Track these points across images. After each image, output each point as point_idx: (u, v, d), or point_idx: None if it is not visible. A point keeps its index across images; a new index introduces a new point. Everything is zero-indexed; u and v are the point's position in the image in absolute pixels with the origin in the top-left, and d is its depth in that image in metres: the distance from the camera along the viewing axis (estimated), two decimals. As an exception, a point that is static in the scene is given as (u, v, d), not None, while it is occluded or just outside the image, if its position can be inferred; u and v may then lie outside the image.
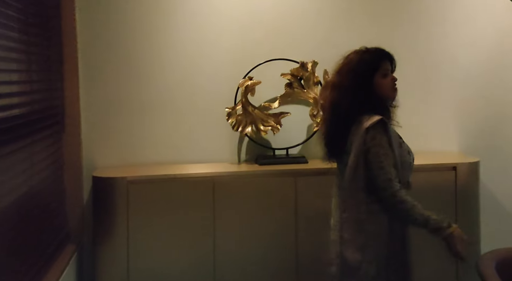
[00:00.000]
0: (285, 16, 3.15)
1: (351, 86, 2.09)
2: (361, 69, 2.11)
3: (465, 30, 3.23)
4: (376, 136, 2.03)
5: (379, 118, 2.05)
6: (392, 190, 2.00)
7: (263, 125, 3.03)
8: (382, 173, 2.01)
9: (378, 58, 2.14)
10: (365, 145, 2.03)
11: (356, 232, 2.07)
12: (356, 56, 2.15)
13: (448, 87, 3.27)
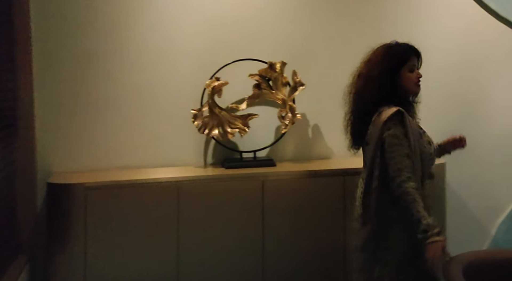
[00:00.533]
0: (254, 16, 3.01)
1: (378, 76, 2.14)
2: (390, 60, 2.16)
3: (432, 30, 3.16)
4: (391, 127, 2.10)
5: (397, 109, 2.10)
6: (399, 180, 2.03)
7: (230, 128, 2.87)
8: (393, 162, 2.06)
9: (407, 53, 2.19)
10: (382, 135, 2.10)
11: (365, 220, 2.15)
12: (386, 48, 2.20)
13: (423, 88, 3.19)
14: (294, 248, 2.77)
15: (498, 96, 3.23)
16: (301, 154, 3.09)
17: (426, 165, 2.15)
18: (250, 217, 2.73)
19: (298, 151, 3.09)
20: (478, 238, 3.26)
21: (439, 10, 3.14)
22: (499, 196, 3.27)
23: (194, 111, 2.82)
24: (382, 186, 2.09)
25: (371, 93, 2.15)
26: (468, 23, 3.16)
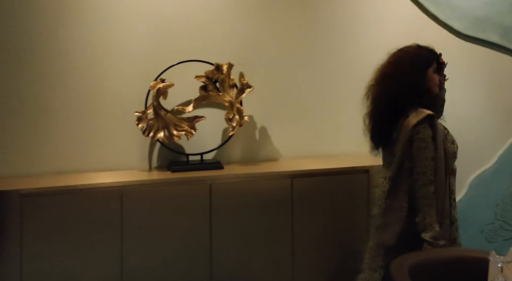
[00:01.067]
0: (201, 17, 2.91)
1: (408, 75, 2.18)
2: (420, 60, 2.22)
3: (373, 34, 3.16)
4: (421, 131, 2.15)
5: (426, 114, 2.16)
6: (421, 183, 2.12)
7: (176, 130, 2.76)
8: (418, 165, 2.14)
9: (433, 55, 2.27)
10: (411, 138, 2.14)
11: (396, 219, 2.16)
12: (414, 49, 2.25)
13: (360, 90, 3.16)
14: (243, 252, 2.70)
15: (438, 99, 3.26)
16: (248, 157, 3.01)
17: (450, 163, 2.23)
18: (197, 221, 2.63)
19: (245, 154, 3.01)
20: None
21: (382, 13, 3.14)
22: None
23: (138, 114, 2.69)
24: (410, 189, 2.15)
25: (401, 94, 2.18)
26: (410, 27, 3.18)
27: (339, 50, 3.14)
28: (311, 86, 3.11)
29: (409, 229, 2.15)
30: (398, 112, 2.19)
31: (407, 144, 2.15)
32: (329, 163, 2.92)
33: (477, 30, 3.19)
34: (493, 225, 3.29)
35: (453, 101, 3.27)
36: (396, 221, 2.17)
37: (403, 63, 2.22)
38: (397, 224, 2.17)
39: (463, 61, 3.25)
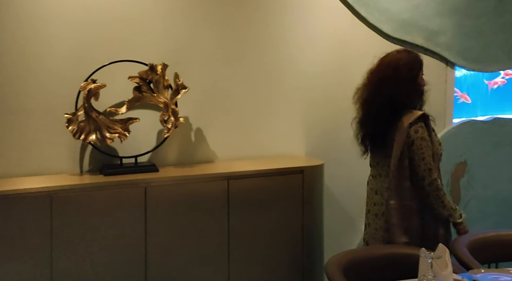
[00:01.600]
0: (134, 15, 2.81)
1: (406, 79, 2.29)
2: (415, 64, 2.33)
3: (307, 36, 3.17)
4: (419, 130, 2.26)
5: (421, 113, 2.28)
6: (430, 179, 2.25)
7: (109, 132, 2.66)
8: (423, 163, 2.24)
9: (420, 59, 2.38)
10: (409, 138, 2.24)
11: (402, 217, 2.28)
12: (406, 53, 2.36)
13: (293, 91, 3.22)
14: (178, 255, 2.64)
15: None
16: (184, 158, 2.95)
17: (438, 164, 2.34)
18: (131, 226, 2.54)
19: (181, 155, 2.95)
20: (351, 235, 3.34)
21: (314, 16, 3.17)
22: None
23: (68, 116, 2.57)
24: (411, 185, 2.27)
25: (400, 97, 2.28)
26: (341, 29, 3.22)
27: (273, 52, 3.13)
28: (247, 88, 3.09)
29: (416, 225, 2.29)
30: (395, 115, 2.28)
31: (404, 142, 2.24)
32: (265, 164, 2.91)
33: (403, 33, 3.27)
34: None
35: (382, 102, 3.37)
36: (405, 220, 2.28)
37: (399, 67, 2.30)
38: (406, 221, 2.29)
39: (392, 63, 3.33)
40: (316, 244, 2.95)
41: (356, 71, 3.29)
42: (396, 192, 2.28)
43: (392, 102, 2.28)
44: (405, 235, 2.28)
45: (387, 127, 2.30)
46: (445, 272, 1.78)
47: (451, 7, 3.30)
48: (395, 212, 2.28)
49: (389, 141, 2.30)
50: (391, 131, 2.28)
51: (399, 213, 2.29)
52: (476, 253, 2.19)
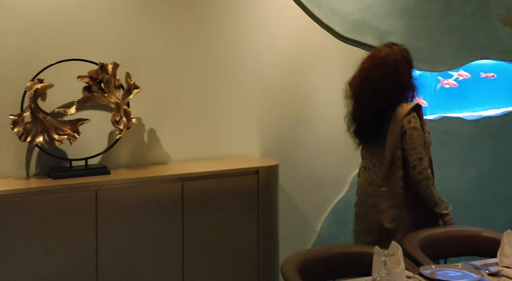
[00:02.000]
0: (84, 13, 2.72)
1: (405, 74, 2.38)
2: (410, 59, 2.42)
3: (261, 36, 3.16)
4: (411, 120, 2.33)
5: (415, 103, 2.37)
6: (420, 168, 2.32)
7: (57, 134, 2.57)
8: (414, 152, 2.32)
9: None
10: (402, 128, 2.32)
11: (391, 205, 2.35)
12: (401, 50, 2.41)
13: (248, 91, 3.20)
14: (131, 259, 2.57)
15: (322, 99, 3.34)
16: (137, 160, 2.88)
17: (428, 153, 2.40)
18: (82, 231, 2.46)
19: (134, 157, 2.87)
20: (306, 234, 3.34)
21: (267, 15, 3.16)
22: (324, 193, 3.38)
23: (13, 117, 2.46)
24: (404, 174, 2.33)
25: (400, 91, 2.37)
26: (295, 29, 3.22)
27: (227, 52, 3.09)
28: (201, 88, 3.05)
29: (404, 213, 2.36)
30: (393, 107, 2.35)
31: (398, 132, 2.32)
32: (219, 165, 2.88)
33: (355, 33, 3.30)
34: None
35: (335, 102, 3.36)
36: (392, 207, 2.35)
37: (399, 64, 2.37)
38: (394, 209, 2.35)
39: (345, 63, 3.31)
40: (271, 244, 2.94)
41: (310, 71, 3.33)
42: (388, 180, 2.35)
43: (392, 97, 2.36)
44: (393, 222, 2.35)
45: (385, 119, 2.36)
46: (398, 269, 1.80)
47: (401, 8, 3.36)
48: (384, 199, 2.36)
49: (383, 132, 2.37)
50: (387, 122, 2.36)
51: (388, 200, 2.36)
52: (427, 250, 2.22)
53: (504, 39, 3.55)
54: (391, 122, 2.34)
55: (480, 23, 3.52)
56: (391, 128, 2.34)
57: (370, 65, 2.41)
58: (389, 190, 2.36)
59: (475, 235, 2.34)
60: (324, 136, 3.36)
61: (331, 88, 3.34)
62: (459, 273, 1.90)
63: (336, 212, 3.36)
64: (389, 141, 2.34)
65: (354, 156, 3.41)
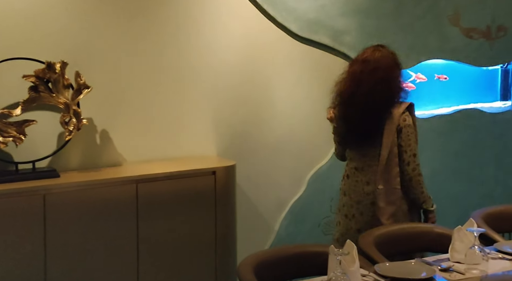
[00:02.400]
0: (29, 10, 2.60)
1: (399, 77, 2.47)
2: (399, 62, 2.48)
3: (216, 35, 3.11)
4: (406, 118, 2.43)
5: (409, 103, 2.46)
6: (414, 164, 2.42)
7: (2, 136, 2.46)
8: (409, 149, 2.42)
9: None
10: (398, 126, 2.41)
11: (389, 201, 2.41)
12: (390, 53, 2.48)
13: (203, 90, 3.14)
14: (83, 266, 2.48)
15: (279, 99, 3.32)
16: (89, 162, 2.78)
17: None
18: (29, 238, 2.36)
19: (85, 159, 2.77)
20: (264, 235, 3.31)
21: (221, 13, 3.11)
22: (282, 193, 3.36)
23: (-47, 119, 2.32)
24: (401, 171, 2.42)
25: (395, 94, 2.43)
26: (250, 28, 3.18)
27: (180, 51, 3.02)
28: (155, 87, 2.97)
29: (401, 209, 2.44)
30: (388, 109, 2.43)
31: (395, 132, 2.40)
32: (175, 166, 2.81)
33: (310, 32, 3.28)
34: (328, 218, 3.41)
35: (292, 102, 3.37)
36: (390, 203, 2.41)
37: (391, 66, 2.45)
38: (392, 205, 2.41)
39: (301, 62, 3.34)
40: (229, 246, 2.90)
41: (266, 70, 3.30)
42: (385, 178, 2.41)
43: (387, 99, 2.42)
44: (391, 218, 2.41)
45: (381, 120, 2.42)
46: (353, 268, 1.79)
47: (354, 7, 3.37)
48: (382, 196, 2.41)
49: (379, 133, 2.43)
50: (383, 123, 2.42)
51: (386, 197, 2.41)
52: (382, 247, 2.22)
53: (453, 39, 3.62)
54: (387, 122, 2.41)
55: (431, 23, 3.57)
56: (388, 127, 2.41)
57: (363, 69, 2.43)
58: (386, 187, 2.42)
59: (428, 231, 2.37)
60: (282, 136, 3.34)
61: (288, 88, 3.32)
62: (414, 270, 1.91)
63: (294, 212, 3.35)
64: (385, 139, 2.41)
65: (311, 155, 3.44)
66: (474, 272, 1.86)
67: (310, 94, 3.37)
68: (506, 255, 2.00)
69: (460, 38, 3.65)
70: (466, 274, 1.86)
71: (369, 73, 2.41)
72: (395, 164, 2.42)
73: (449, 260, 1.97)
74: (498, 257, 1.99)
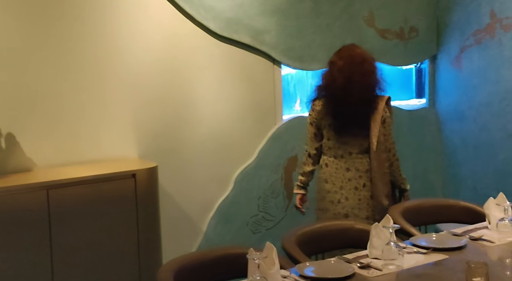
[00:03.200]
0: None
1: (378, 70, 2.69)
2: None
3: (133, 33, 2.96)
4: (387, 110, 2.69)
5: (388, 96, 2.71)
6: (394, 151, 2.72)
7: None
8: (390, 138, 2.70)
9: None
10: (382, 117, 2.65)
11: (383, 184, 2.66)
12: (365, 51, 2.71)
13: (123, 91, 3.00)
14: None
15: (202, 98, 3.23)
16: (-7, 169, 2.55)
17: None
18: None
19: (-11, 166, 2.54)
20: (191, 236, 3.21)
21: (138, 12, 2.96)
22: (209, 194, 3.29)
23: None
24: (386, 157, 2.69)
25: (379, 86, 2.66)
26: (167, 26, 3.06)
27: (99, 51, 2.87)
28: (69, 88, 2.79)
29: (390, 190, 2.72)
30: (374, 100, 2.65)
31: (380, 122, 2.63)
32: (92, 170, 2.65)
33: (230, 31, 3.21)
34: (256, 217, 3.39)
35: (215, 101, 3.29)
36: (384, 185, 2.66)
37: (373, 60, 2.68)
38: (385, 187, 2.67)
39: (221, 61, 3.27)
40: (153, 250, 2.77)
41: (187, 70, 3.19)
42: (379, 164, 2.64)
43: (374, 90, 2.65)
44: (387, 198, 2.67)
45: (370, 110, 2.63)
46: (273, 270, 1.72)
47: (273, 7, 3.34)
48: (379, 181, 2.64)
49: (366, 122, 2.63)
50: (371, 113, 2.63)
51: (381, 180, 2.65)
52: (305, 245, 2.19)
53: (370, 40, 3.67)
54: (374, 113, 2.63)
55: (347, 24, 3.61)
56: (374, 118, 2.63)
57: (352, 63, 2.62)
58: (380, 172, 2.65)
59: (349, 228, 2.36)
60: (206, 136, 3.26)
61: (210, 87, 3.25)
62: (334, 268, 1.87)
63: (221, 212, 3.29)
64: (373, 128, 2.62)
65: (237, 154, 3.37)
66: (391, 267, 1.85)
67: (233, 93, 3.32)
68: (420, 249, 2.01)
69: (376, 39, 3.71)
70: (384, 270, 1.85)
71: (358, 66, 2.61)
72: (382, 150, 2.65)
73: (368, 256, 1.95)
74: (413, 251, 1.99)
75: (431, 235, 2.16)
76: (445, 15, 3.92)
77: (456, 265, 1.86)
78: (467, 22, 3.77)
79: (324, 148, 2.73)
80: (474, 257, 1.90)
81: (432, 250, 1.99)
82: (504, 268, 1.90)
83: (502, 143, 3.62)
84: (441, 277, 1.82)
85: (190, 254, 2.28)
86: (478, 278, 1.56)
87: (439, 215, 2.64)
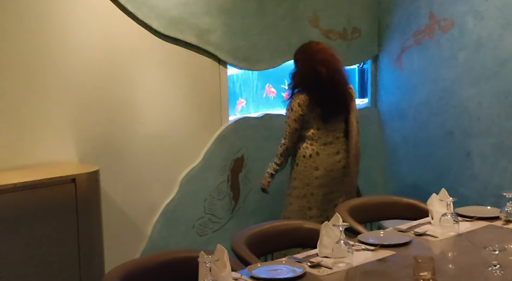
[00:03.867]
0: None
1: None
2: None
3: (73, 31, 2.87)
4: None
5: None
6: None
7: None
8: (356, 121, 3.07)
9: None
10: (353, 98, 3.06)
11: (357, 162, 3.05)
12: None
13: (62, 92, 2.89)
14: None
15: (145, 99, 3.16)
16: None
17: None
18: None
19: None
20: (136, 240, 3.14)
21: (77, 8, 2.86)
22: (153, 197, 3.22)
23: None
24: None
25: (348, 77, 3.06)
26: (109, 25, 2.97)
27: (34, 49, 2.74)
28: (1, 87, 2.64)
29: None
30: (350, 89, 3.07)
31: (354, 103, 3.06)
32: (27, 175, 2.52)
33: (175, 31, 3.16)
34: (202, 219, 3.36)
35: (159, 102, 3.22)
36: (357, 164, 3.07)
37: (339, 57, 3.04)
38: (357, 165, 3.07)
39: (165, 61, 3.21)
40: (95, 257, 2.68)
41: (130, 70, 3.10)
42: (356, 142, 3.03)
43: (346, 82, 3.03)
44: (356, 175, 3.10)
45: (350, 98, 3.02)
46: (224, 273, 1.71)
47: (218, 6, 3.31)
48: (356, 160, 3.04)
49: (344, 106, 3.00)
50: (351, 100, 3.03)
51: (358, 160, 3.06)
52: (254, 246, 2.18)
53: (314, 39, 3.66)
54: (351, 100, 3.02)
55: (292, 24, 3.64)
56: (353, 104, 3.03)
57: (333, 55, 2.99)
58: (357, 152, 3.03)
59: (298, 227, 2.38)
60: (150, 138, 3.20)
61: (154, 87, 3.19)
62: (284, 268, 1.87)
63: (166, 215, 3.24)
64: (354, 113, 3.02)
65: (182, 156, 3.32)
66: (341, 265, 1.88)
67: (178, 94, 3.27)
68: (368, 246, 2.05)
69: (320, 39, 3.75)
70: (334, 268, 1.87)
71: (333, 56, 2.98)
72: (358, 133, 3.07)
73: (318, 255, 1.97)
74: (362, 248, 2.03)
75: (379, 232, 2.22)
76: (386, 16, 4.04)
77: (403, 261, 1.92)
78: (407, 23, 3.92)
79: (313, 138, 2.97)
80: (419, 252, 1.97)
81: (380, 247, 2.04)
82: (448, 261, 1.98)
83: (440, 140, 3.78)
84: (389, 272, 1.87)
85: (135, 260, 2.23)
86: (425, 272, 1.62)
87: (383, 212, 2.72)
